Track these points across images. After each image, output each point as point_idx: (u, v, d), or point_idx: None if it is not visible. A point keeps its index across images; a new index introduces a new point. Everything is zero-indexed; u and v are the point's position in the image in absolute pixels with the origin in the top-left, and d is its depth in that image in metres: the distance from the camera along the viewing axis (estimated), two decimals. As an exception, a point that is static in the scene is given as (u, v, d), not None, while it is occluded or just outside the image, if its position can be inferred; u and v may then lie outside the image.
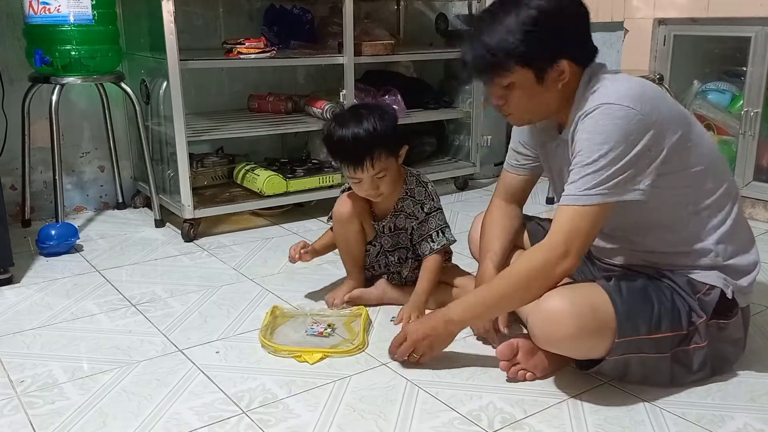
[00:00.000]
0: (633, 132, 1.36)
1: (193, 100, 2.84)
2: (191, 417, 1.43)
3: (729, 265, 1.50)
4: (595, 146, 1.37)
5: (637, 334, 1.42)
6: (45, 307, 1.98)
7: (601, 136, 1.37)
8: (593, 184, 1.37)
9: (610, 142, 1.36)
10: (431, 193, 1.89)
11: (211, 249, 2.48)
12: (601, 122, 1.37)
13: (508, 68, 1.42)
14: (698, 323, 1.46)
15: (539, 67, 1.43)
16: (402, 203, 1.88)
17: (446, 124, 3.51)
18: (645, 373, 1.49)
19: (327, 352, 1.67)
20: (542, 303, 1.44)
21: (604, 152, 1.36)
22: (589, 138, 1.39)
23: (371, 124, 1.75)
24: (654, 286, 1.48)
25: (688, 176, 1.45)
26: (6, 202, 2.19)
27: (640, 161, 1.37)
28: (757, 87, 2.68)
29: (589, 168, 1.38)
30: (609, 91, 1.41)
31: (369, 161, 1.75)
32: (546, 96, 1.47)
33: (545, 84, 1.44)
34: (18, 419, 1.43)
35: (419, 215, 1.87)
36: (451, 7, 3.49)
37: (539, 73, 1.43)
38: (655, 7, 2.90)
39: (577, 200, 1.39)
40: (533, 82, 1.44)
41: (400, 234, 1.92)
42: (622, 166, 1.36)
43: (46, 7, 2.36)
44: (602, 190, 1.37)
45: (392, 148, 1.79)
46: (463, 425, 1.40)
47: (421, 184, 1.89)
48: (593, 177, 1.37)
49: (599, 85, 1.43)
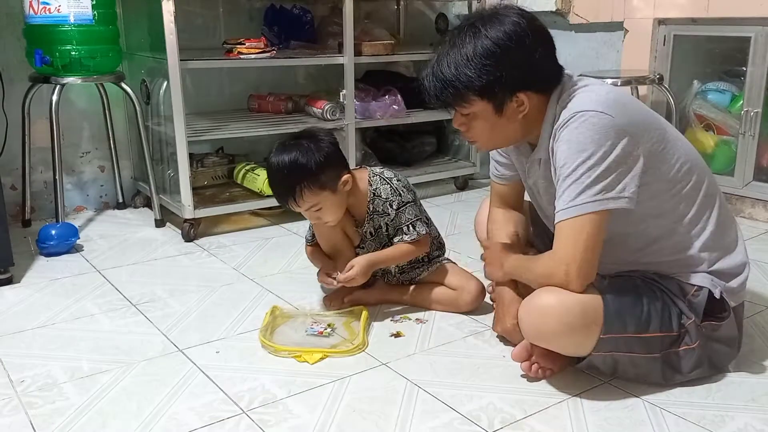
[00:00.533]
0: (610, 137, 1.36)
1: (193, 100, 2.84)
2: (191, 417, 1.43)
3: (716, 269, 1.50)
4: (574, 155, 1.37)
5: (624, 332, 1.43)
6: (45, 307, 1.98)
7: (579, 145, 1.37)
8: (577, 192, 1.37)
9: (588, 149, 1.36)
10: (397, 189, 1.85)
11: (211, 249, 2.48)
12: (576, 130, 1.38)
13: (467, 99, 1.44)
14: (688, 325, 1.46)
15: (498, 100, 1.43)
16: (372, 205, 1.86)
17: (446, 124, 3.50)
18: (636, 372, 1.50)
19: (327, 352, 1.67)
20: (533, 298, 1.46)
21: (582, 159, 1.36)
22: (568, 148, 1.39)
23: (294, 163, 1.70)
24: (645, 287, 1.49)
25: (668, 183, 1.45)
26: (6, 202, 2.19)
27: (620, 166, 1.37)
28: (757, 87, 2.68)
29: (571, 178, 1.38)
30: (582, 99, 1.41)
31: (292, 200, 1.74)
32: (507, 126, 1.48)
33: (505, 115, 1.45)
34: (18, 419, 1.43)
35: (390, 212, 1.85)
36: (451, 7, 3.49)
37: (498, 105, 1.44)
38: (655, 7, 2.90)
39: (567, 213, 1.39)
40: (492, 113, 1.45)
41: (380, 234, 1.91)
42: (603, 172, 1.36)
43: (46, 7, 2.36)
44: (588, 197, 1.36)
45: (321, 183, 1.73)
46: (463, 425, 1.40)
47: (385, 181, 1.86)
48: (576, 186, 1.37)
49: (571, 97, 1.44)
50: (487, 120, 1.46)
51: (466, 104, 1.45)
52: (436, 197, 3.16)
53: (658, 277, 1.51)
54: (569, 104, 1.42)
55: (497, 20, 1.40)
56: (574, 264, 1.39)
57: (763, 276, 2.16)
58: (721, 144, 2.87)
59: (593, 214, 1.37)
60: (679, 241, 1.49)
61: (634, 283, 1.49)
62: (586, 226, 1.37)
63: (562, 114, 1.42)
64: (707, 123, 2.89)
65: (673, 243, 1.49)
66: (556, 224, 1.42)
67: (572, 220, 1.38)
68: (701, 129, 2.89)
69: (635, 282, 1.50)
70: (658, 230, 1.49)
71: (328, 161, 1.75)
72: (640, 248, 1.52)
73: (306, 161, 1.72)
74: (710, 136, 2.88)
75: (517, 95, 1.43)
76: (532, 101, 1.45)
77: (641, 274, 1.52)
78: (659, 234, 1.49)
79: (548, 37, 1.46)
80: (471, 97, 1.43)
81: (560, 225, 1.40)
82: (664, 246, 1.50)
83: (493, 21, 1.40)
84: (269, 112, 2.97)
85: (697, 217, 1.49)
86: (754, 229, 2.62)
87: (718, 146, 2.87)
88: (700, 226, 1.49)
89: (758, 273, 2.17)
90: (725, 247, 1.53)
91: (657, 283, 1.50)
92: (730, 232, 1.56)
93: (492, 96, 1.42)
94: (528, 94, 1.43)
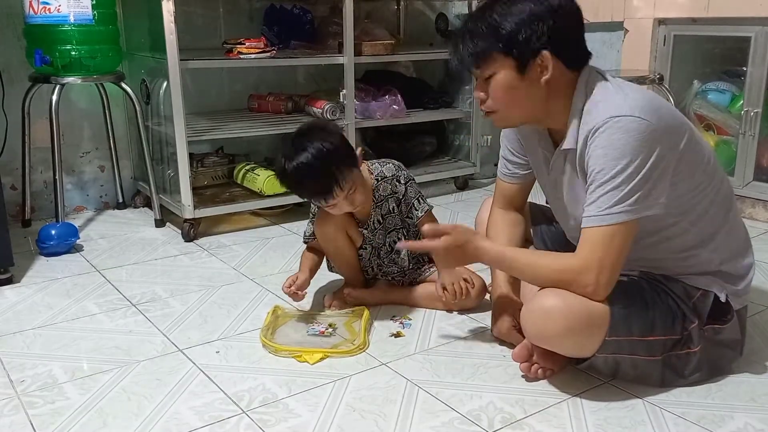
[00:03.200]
0: (648, 143, 1.32)
1: (193, 100, 2.84)
2: (191, 417, 1.43)
3: (724, 270, 1.50)
4: (612, 162, 1.33)
5: (629, 335, 1.42)
6: (45, 307, 1.98)
7: (617, 151, 1.33)
8: (615, 201, 1.34)
9: (626, 157, 1.32)
10: (399, 166, 1.88)
11: (211, 249, 2.48)
12: (614, 136, 1.34)
13: (490, 55, 1.41)
14: (691, 328, 1.46)
15: (520, 56, 1.39)
16: (378, 191, 1.86)
17: (446, 124, 3.51)
18: (636, 374, 1.50)
19: (327, 353, 1.67)
20: (536, 299, 1.44)
21: (621, 167, 1.33)
22: (605, 154, 1.35)
23: (322, 151, 1.67)
24: (650, 289, 1.48)
25: (693, 182, 1.43)
26: (6, 202, 2.19)
27: (656, 172, 1.34)
28: (757, 87, 2.68)
29: (608, 185, 1.34)
30: (616, 101, 1.37)
31: (337, 186, 1.70)
32: (528, 91, 1.43)
33: (527, 76, 1.41)
34: (18, 419, 1.43)
35: (399, 188, 1.86)
36: (451, 7, 3.49)
37: (520, 64, 1.40)
38: (655, 7, 2.90)
39: (602, 220, 1.35)
40: (514, 74, 1.41)
41: (388, 219, 1.90)
42: (641, 180, 1.33)
43: (46, 7, 2.36)
44: (625, 207, 1.34)
45: (350, 161, 1.73)
46: (463, 425, 1.40)
47: (385, 162, 1.88)
48: (614, 194, 1.34)
49: (602, 95, 1.40)
50: (509, 80, 1.42)
51: (489, 61, 1.41)
52: (436, 197, 3.16)
53: (664, 278, 1.50)
54: (601, 105, 1.39)
55: None
56: (605, 272, 1.36)
57: (763, 276, 2.17)
58: (721, 144, 2.87)
59: (628, 223, 1.35)
60: (691, 240, 1.48)
61: (639, 286, 1.49)
62: (619, 234, 1.35)
63: (592, 116, 1.38)
64: (707, 123, 2.89)
65: (684, 242, 1.48)
66: (584, 228, 1.39)
67: (606, 227, 1.35)
68: (701, 129, 2.90)
69: (641, 285, 1.49)
70: (674, 228, 1.47)
71: (344, 140, 1.76)
72: (651, 245, 1.49)
73: (330, 145, 1.69)
74: (710, 136, 2.88)
75: (542, 53, 1.39)
76: (556, 70, 1.41)
77: (647, 275, 1.51)
78: (674, 232, 1.47)
79: (580, 17, 1.44)
80: (494, 52, 1.40)
81: (591, 230, 1.37)
82: (675, 244, 1.48)
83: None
84: (269, 112, 2.97)
85: (714, 217, 1.48)
86: (754, 229, 2.62)
87: (718, 146, 2.87)
88: (715, 226, 1.48)
89: (758, 273, 2.17)
90: (736, 248, 1.52)
91: (662, 286, 1.49)
92: (742, 235, 1.55)
93: (516, 49, 1.38)
94: (553, 57, 1.40)
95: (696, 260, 1.49)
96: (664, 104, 1.44)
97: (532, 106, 1.46)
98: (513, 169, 1.74)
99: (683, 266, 1.50)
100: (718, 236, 1.49)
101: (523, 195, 1.78)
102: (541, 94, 1.43)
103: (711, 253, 1.48)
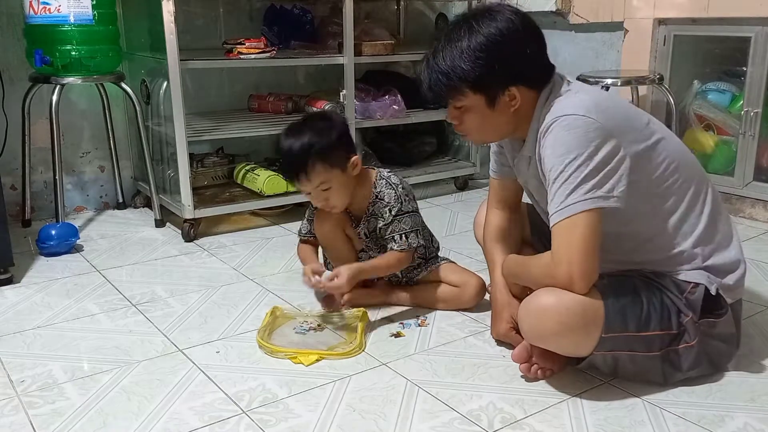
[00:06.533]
0: (593, 139, 1.37)
1: (193, 100, 2.85)
2: (191, 417, 1.43)
3: (710, 265, 1.51)
4: (560, 158, 1.39)
5: (625, 331, 1.43)
6: (45, 307, 1.98)
7: (563, 147, 1.39)
8: (568, 193, 1.38)
9: (573, 152, 1.38)
10: (401, 196, 1.85)
11: (211, 249, 2.48)
12: (559, 134, 1.40)
13: (461, 92, 1.47)
14: (686, 322, 1.47)
15: (490, 93, 1.46)
16: (372, 207, 1.87)
17: (446, 124, 3.50)
18: (636, 370, 1.50)
19: (323, 354, 1.67)
20: (532, 299, 1.46)
21: (569, 161, 1.38)
22: (553, 152, 1.41)
23: (308, 137, 1.74)
24: (643, 285, 1.49)
25: (655, 182, 1.47)
26: (6, 202, 2.19)
27: (606, 166, 1.37)
28: (757, 87, 2.68)
29: (559, 180, 1.39)
30: (564, 104, 1.44)
31: (304, 174, 1.74)
32: (499, 120, 1.51)
33: (497, 108, 1.48)
34: (18, 419, 1.43)
35: (386, 217, 1.84)
36: (451, 7, 3.49)
37: (490, 98, 1.47)
38: (655, 7, 2.90)
39: (561, 215, 1.39)
40: (485, 107, 1.48)
41: (373, 236, 1.91)
42: (591, 171, 1.37)
43: (46, 7, 2.36)
44: (579, 197, 1.37)
45: (332, 160, 1.75)
46: (463, 425, 1.40)
47: (391, 186, 1.86)
48: (566, 187, 1.38)
49: (556, 100, 1.47)
50: (480, 113, 1.50)
51: (460, 96, 1.49)
52: (436, 197, 3.16)
53: (654, 275, 1.51)
54: (553, 108, 1.45)
55: (491, 17, 1.45)
56: (575, 265, 1.38)
57: (763, 276, 2.16)
58: (721, 144, 2.87)
59: (585, 212, 1.37)
60: (670, 238, 1.50)
61: (632, 282, 1.50)
62: (580, 225, 1.38)
63: (546, 117, 1.45)
64: (707, 123, 2.89)
65: (664, 241, 1.50)
66: (552, 228, 1.42)
67: (566, 221, 1.38)
68: (701, 129, 2.89)
69: (634, 281, 1.50)
70: (649, 229, 1.50)
71: (340, 139, 1.78)
72: (633, 248, 1.53)
73: (319, 136, 1.75)
74: (710, 136, 2.88)
75: (509, 89, 1.46)
76: (523, 97, 1.48)
77: (638, 273, 1.53)
78: (650, 233, 1.50)
79: (539, 34, 1.50)
80: (464, 90, 1.47)
81: (555, 228, 1.41)
82: (656, 244, 1.51)
83: (486, 17, 1.45)
84: (269, 112, 2.97)
85: (687, 214, 1.51)
86: (754, 229, 2.63)
87: (718, 146, 2.87)
88: (690, 223, 1.51)
89: (758, 273, 2.17)
90: (718, 242, 1.54)
91: (654, 281, 1.50)
92: (723, 228, 1.56)
93: (485, 89, 1.46)
94: (520, 88, 1.47)
95: (679, 258, 1.50)
96: (619, 105, 1.50)
97: (504, 128, 1.56)
98: (501, 164, 1.77)
99: (669, 264, 1.51)
100: (697, 231, 1.51)
101: (516, 192, 1.79)
102: (511, 118, 1.51)
103: (693, 248, 1.50)
